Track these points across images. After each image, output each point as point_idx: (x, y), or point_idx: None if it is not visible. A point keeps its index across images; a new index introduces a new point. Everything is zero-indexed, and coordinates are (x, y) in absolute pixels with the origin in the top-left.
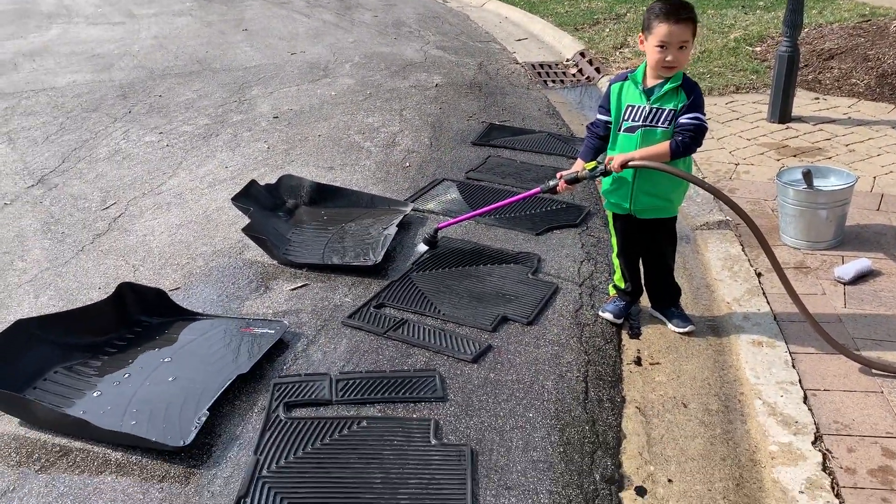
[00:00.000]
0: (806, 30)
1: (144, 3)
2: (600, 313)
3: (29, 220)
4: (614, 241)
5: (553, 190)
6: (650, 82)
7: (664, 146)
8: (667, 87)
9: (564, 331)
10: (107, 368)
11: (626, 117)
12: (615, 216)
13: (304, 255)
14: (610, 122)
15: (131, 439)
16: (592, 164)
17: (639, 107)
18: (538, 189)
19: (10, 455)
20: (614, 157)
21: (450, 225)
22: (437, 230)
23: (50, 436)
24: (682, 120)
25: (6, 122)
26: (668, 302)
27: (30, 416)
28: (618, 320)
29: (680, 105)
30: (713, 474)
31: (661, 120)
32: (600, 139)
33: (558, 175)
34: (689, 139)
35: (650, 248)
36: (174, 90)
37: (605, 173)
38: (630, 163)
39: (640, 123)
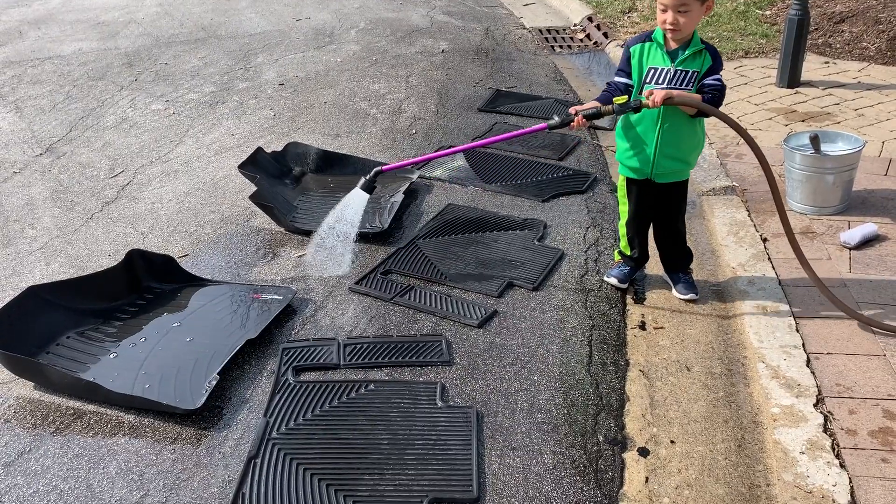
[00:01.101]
0: None
1: None
2: (605, 278)
3: (38, 189)
4: (624, 208)
5: (566, 125)
6: (672, 45)
7: (699, 96)
8: (691, 49)
9: (569, 296)
10: (118, 334)
11: (647, 80)
12: (630, 182)
13: (310, 222)
14: (630, 86)
15: (143, 402)
16: (623, 98)
17: (663, 69)
18: (543, 125)
19: (25, 418)
20: (654, 91)
21: (395, 168)
22: (377, 173)
23: (64, 399)
24: (708, 81)
25: (13, 91)
26: (679, 266)
27: (44, 380)
28: (622, 285)
29: (705, 67)
30: (715, 436)
31: (686, 82)
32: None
33: (573, 110)
34: (716, 98)
35: (663, 211)
36: (180, 58)
37: (637, 109)
38: (671, 100)
39: (663, 86)
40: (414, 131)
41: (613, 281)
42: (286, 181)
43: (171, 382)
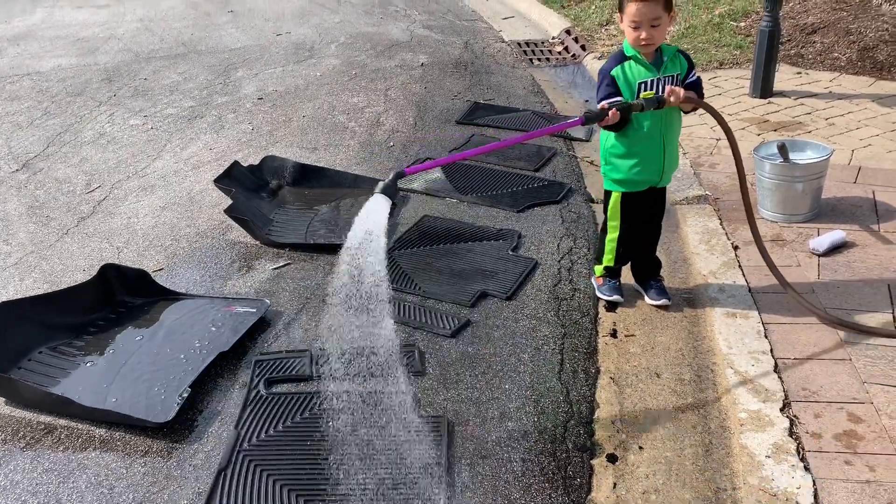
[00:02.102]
0: (790, 4)
1: None
2: (604, 297)
3: (14, 205)
4: (615, 224)
5: (601, 118)
6: (650, 57)
7: (694, 95)
8: (667, 56)
9: (542, 305)
10: (91, 348)
11: (640, 94)
12: (629, 197)
13: (286, 235)
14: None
15: (115, 416)
16: (651, 93)
17: (653, 80)
18: (579, 119)
19: None
20: (675, 90)
21: (419, 170)
22: (398, 175)
23: (35, 414)
24: (692, 80)
25: None
26: (649, 274)
27: (15, 395)
28: (622, 299)
29: (684, 68)
30: (683, 441)
31: (674, 85)
32: None
33: (603, 104)
34: (699, 93)
35: (651, 219)
36: (159, 73)
37: (660, 104)
38: (691, 100)
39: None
40: (392, 144)
41: (615, 297)
42: (262, 194)
43: (143, 396)
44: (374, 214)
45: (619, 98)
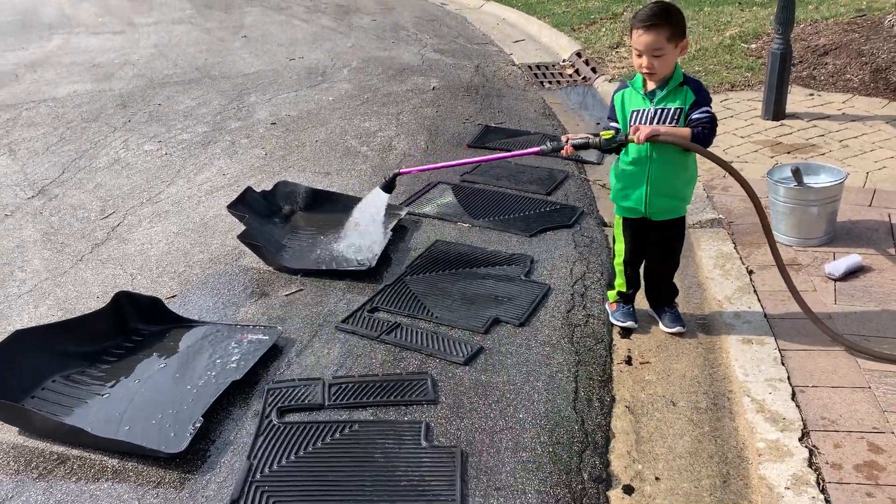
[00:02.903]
0: (801, 26)
1: (144, 12)
2: (616, 323)
3: (29, 231)
4: (620, 247)
5: (556, 151)
6: (651, 86)
7: (686, 130)
8: (670, 86)
9: (556, 332)
10: (104, 377)
11: (631, 121)
12: (626, 221)
13: (299, 261)
14: (618, 129)
15: (127, 446)
16: (610, 132)
17: (644, 110)
18: (538, 149)
19: (8, 464)
20: (640, 128)
21: (413, 172)
22: (396, 175)
23: (48, 444)
24: (695, 115)
25: (7, 134)
26: (664, 301)
27: (28, 425)
28: (636, 325)
29: (689, 103)
30: (700, 472)
31: (668, 119)
32: None
33: (564, 138)
34: (708, 130)
35: (659, 247)
36: (173, 98)
37: (623, 144)
38: (656, 137)
39: (646, 126)
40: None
41: (629, 323)
42: (275, 220)
43: (156, 425)
44: (374, 200)
45: (583, 136)
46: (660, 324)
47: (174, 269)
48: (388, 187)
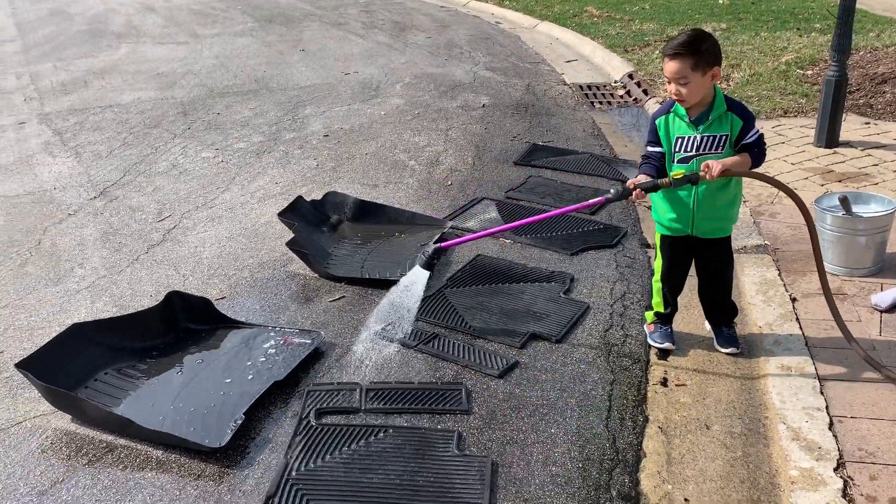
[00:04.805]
0: (860, 53)
1: (208, 24)
2: (654, 344)
3: (90, 230)
4: (659, 263)
5: (623, 198)
6: (694, 112)
7: (746, 158)
8: (714, 114)
9: (592, 350)
10: (153, 372)
11: (676, 149)
12: (666, 239)
13: (343, 269)
14: (662, 153)
15: (171, 439)
16: (680, 172)
17: (689, 137)
18: (601, 199)
19: (61, 449)
20: (711, 164)
21: (454, 244)
22: (437, 251)
23: (98, 432)
24: (748, 140)
25: (74, 137)
26: (723, 319)
27: (81, 414)
28: (674, 346)
29: (737, 128)
30: (730, 496)
31: (715, 146)
32: (657, 168)
33: (630, 183)
34: (761, 153)
35: (709, 265)
36: (232, 108)
37: (694, 182)
38: (728, 172)
39: (692, 154)
40: (450, 183)
41: (667, 345)
42: (323, 229)
43: (199, 420)
44: (413, 285)
45: (649, 179)
46: (714, 343)
47: (224, 272)
48: (430, 265)
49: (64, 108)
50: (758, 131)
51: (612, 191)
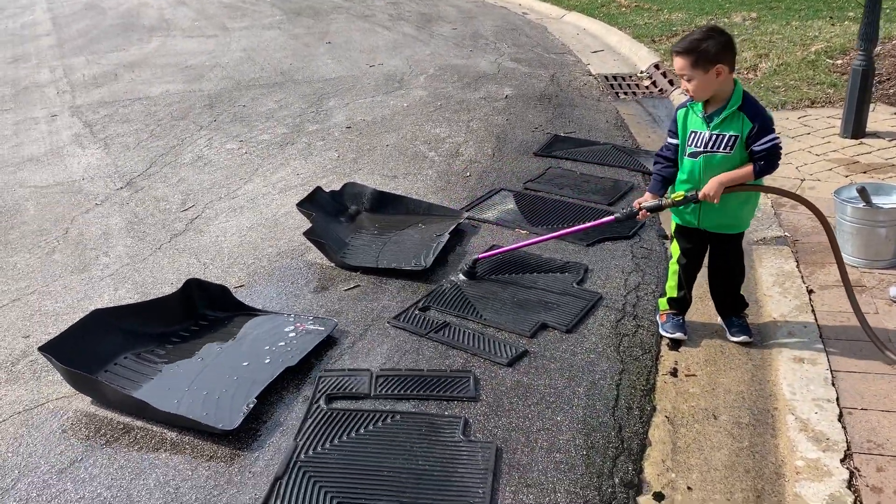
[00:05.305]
0: (893, 42)
1: (237, 17)
2: (665, 334)
3: (115, 220)
4: (675, 248)
5: (631, 217)
6: (710, 108)
7: (748, 169)
8: (725, 112)
9: (603, 340)
10: (171, 357)
11: (689, 143)
12: (679, 227)
13: (359, 259)
14: (678, 145)
15: (186, 421)
16: (680, 194)
17: (700, 133)
18: (612, 217)
19: (80, 430)
20: (709, 186)
21: (490, 256)
22: (475, 261)
23: (116, 414)
24: (757, 148)
25: (104, 129)
26: (731, 311)
27: (100, 396)
28: (685, 336)
29: (746, 130)
30: (734, 485)
31: (722, 145)
32: (671, 163)
33: (636, 204)
34: (767, 164)
35: (716, 260)
36: (257, 100)
37: (696, 202)
38: (725, 189)
39: (700, 150)
40: (468, 174)
41: (678, 335)
42: (341, 219)
43: (213, 404)
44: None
45: (654, 200)
46: (727, 333)
47: (244, 261)
48: (471, 274)
49: (95, 100)
50: (772, 140)
51: (621, 211)
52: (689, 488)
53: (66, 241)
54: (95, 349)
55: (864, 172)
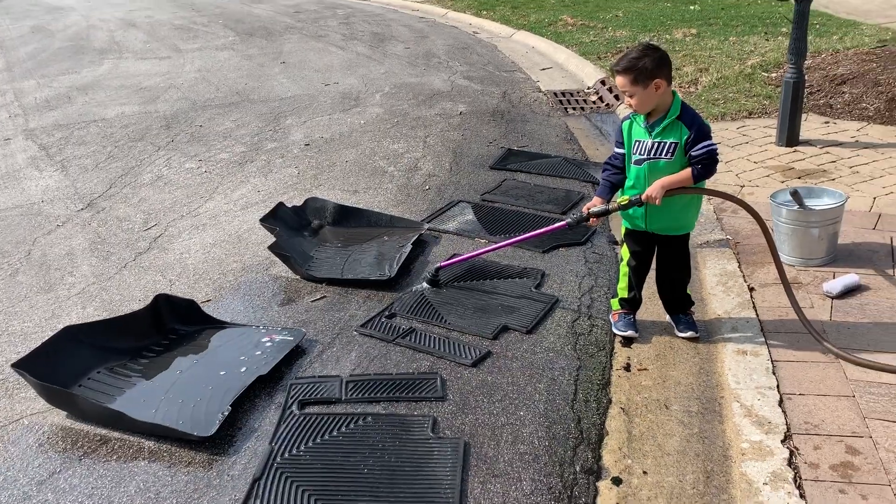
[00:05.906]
0: (822, 56)
1: (189, 39)
2: (618, 332)
3: (78, 240)
4: (625, 251)
5: (583, 222)
6: (651, 119)
7: (687, 173)
8: (665, 122)
9: (560, 339)
10: (143, 370)
11: (634, 151)
12: (628, 231)
13: (324, 271)
14: (625, 154)
15: (162, 430)
16: (625, 198)
17: (643, 142)
18: (564, 223)
19: (57, 443)
20: (652, 189)
21: (452, 264)
22: (438, 269)
23: (92, 427)
24: (694, 153)
25: (60, 151)
26: (678, 310)
27: (75, 410)
28: (637, 334)
29: (684, 137)
30: (686, 468)
31: (664, 152)
32: (618, 170)
33: (585, 210)
34: (704, 168)
35: (663, 261)
36: (214, 120)
37: (640, 205)
38: (668, 190)
39: (645, 157)
40: (427, 187)
41: (630, 332)
42: (304, 233)
43: (188, 413)
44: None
45: (601, 205)
46: (675, 330)
47: (210, 277)
48: (434, 282)
49: (49, 123)
50: (708, 146)
51: (571, 216)
52: (644, 472)
53: (30, 262)
54: (68, 365)
55: (799, 178)
